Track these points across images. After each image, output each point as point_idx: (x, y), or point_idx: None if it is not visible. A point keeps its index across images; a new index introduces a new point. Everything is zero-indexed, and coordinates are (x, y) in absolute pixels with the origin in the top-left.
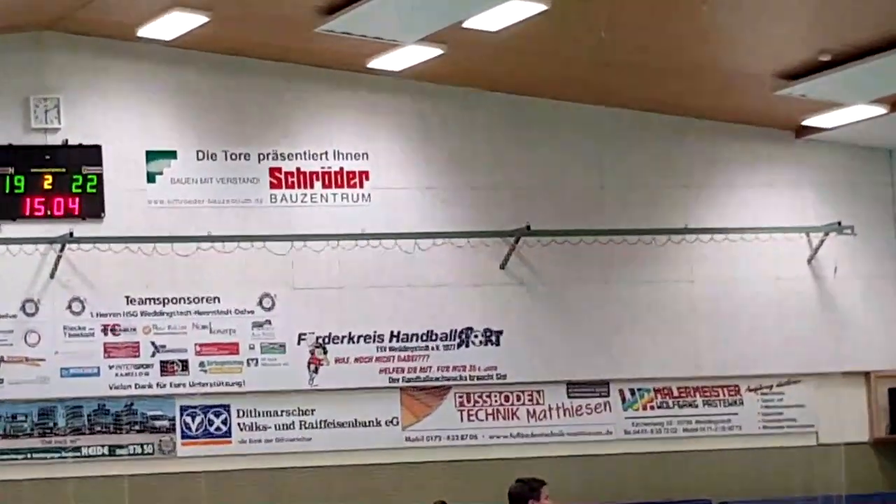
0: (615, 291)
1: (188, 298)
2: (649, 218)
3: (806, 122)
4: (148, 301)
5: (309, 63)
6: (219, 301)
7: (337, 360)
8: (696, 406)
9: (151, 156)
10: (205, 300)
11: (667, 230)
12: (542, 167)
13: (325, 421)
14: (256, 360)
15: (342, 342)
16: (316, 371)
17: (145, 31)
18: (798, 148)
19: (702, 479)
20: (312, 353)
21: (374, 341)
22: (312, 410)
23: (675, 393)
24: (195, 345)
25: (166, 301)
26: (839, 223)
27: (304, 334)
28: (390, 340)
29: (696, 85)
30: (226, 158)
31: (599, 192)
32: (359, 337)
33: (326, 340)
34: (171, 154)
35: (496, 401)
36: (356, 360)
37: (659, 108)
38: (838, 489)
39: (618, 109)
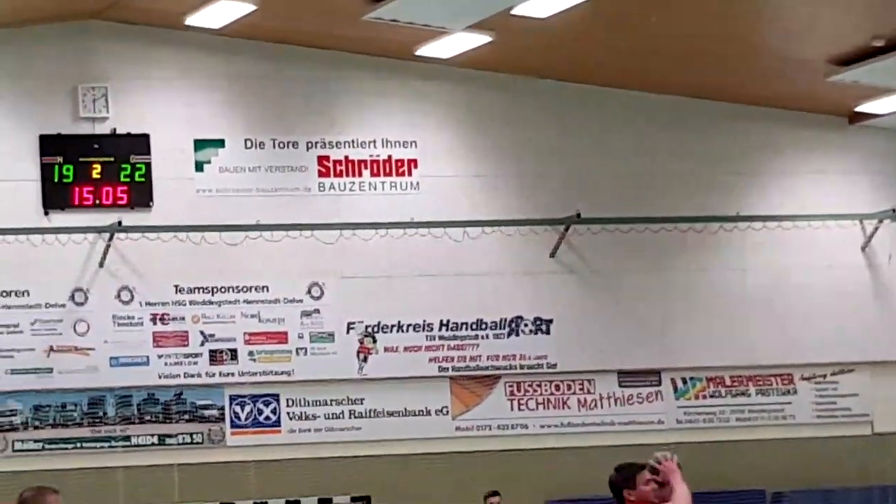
0: (666, 280)
1: (237, 287)
2: (700, 206)
3: (859, 109)
4: (196, 290)
5: (356, 51)
6: (267, 290)
7: (386, 349)
8: (749, 395)
9: (199, 144)
10: (253, 289)
11: (718, 218)
12: (592, 155)
13: (375, 410)
14: (305, 349)
15: (391, 331)
16: (365, 360)
17: (193, 20)
18: (851, 134)
19: (755, 469)
20: (361, 342)
21: (423, 330)
22: (362, 400)
23: (728, 382)
24: (244, 334)
25: (215, 290)
26: (893, 210)
27: (353, 323)
28: (440, 329)
29: (748, 71)
30: (274, 147)
31: (649, 180)
32: (408, 326)
33: (375, 329)
34: (219, 143)
35: (546, 390)
36: (405, 349)
37: (709, 94)
38: (894, 479)
39: (667, 96)
